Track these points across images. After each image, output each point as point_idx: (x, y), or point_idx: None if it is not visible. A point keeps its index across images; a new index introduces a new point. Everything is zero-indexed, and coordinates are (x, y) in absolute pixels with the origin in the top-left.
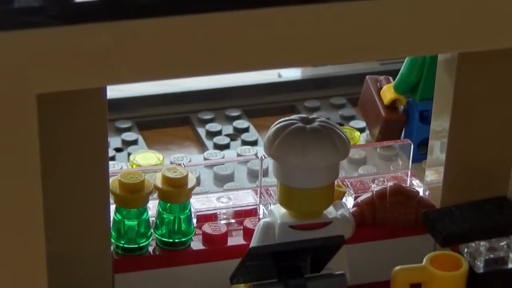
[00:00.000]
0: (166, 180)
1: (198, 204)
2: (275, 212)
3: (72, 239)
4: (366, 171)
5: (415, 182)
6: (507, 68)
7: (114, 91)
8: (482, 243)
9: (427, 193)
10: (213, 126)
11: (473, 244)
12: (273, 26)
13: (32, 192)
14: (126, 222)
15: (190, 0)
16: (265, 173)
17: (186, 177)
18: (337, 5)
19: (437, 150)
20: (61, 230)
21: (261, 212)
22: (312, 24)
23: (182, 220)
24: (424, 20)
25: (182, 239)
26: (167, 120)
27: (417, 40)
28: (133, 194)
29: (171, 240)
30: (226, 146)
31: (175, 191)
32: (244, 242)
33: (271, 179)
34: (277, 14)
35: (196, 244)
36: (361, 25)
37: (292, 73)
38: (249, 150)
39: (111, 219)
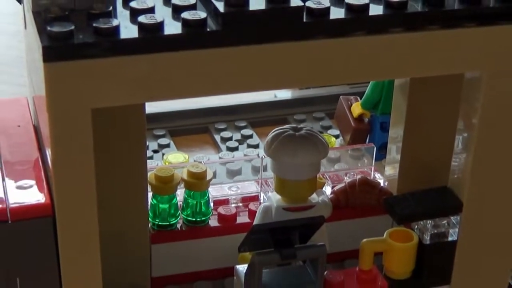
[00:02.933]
0: (190, 174)
1: (214, 192)
2: (272, 198)
3: (119, 219)
4: (340, 167)
5: (377, 175)
6: (445, 89)
7: (152, 107)
8: (428, 221)
9: (386, 183)
10: (226, 134)
11: (422, 222)
12: (272, 58)
13: (87, 184)
14: (160, 205)
15: (205, 37)
16: (265, 169)
17: (205, 171)
18: (320, 42)
19: (393, 151)
20: (111, 212)
21: (261, 198)
22: (299, 56)
23: (202, 204)
24: (385, 54)
25: (203, 218)
26: (191, 129)
27: (379, 69)
28: (165, 184)
29: (194, 219)
30: (235, 149)
31: (197, 182)
32: (249, 221)
33: (269, 173)
34: (275, 49)
35: (213, 222)
36: (336, 57)
37: (284, 94)
38: (252, 152)
39: (149, 203)
